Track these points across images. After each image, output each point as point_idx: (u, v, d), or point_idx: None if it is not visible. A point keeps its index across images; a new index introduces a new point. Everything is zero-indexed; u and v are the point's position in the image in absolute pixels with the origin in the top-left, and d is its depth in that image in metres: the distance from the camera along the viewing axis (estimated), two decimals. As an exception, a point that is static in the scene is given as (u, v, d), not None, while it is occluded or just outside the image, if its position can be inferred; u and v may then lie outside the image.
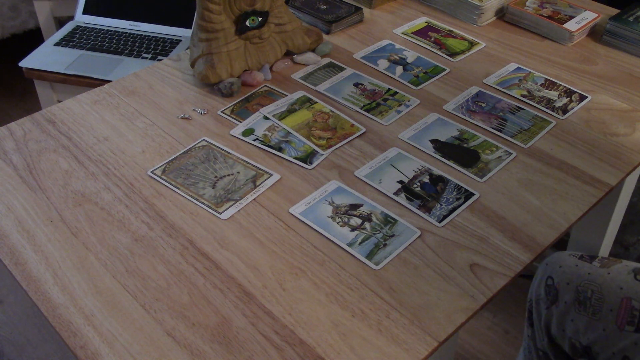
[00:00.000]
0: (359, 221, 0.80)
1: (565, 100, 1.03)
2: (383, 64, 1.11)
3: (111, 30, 1.77)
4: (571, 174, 0.89)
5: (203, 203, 0.83)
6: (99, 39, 1.73)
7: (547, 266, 1.00)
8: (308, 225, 0.80)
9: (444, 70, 1.10)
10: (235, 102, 1.01)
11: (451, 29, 1.22)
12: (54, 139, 0.93)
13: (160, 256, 0.76)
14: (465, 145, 0.93)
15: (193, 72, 1.06)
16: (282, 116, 0.98)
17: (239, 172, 0.88)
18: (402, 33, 1.20)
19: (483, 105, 1.01)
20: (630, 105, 1.02)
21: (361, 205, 0.83)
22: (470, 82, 1.07)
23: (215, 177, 0.87)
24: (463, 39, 1.19)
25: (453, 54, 1.14)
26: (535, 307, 1.07)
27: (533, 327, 1.10)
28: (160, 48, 1.70)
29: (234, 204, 0.83)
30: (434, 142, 0.94)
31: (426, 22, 1.24)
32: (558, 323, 1.01)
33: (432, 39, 1.19)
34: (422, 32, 1.21)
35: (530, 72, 1.10)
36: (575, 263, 1.00)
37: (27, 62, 1.66)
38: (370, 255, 0.76)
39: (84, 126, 0.96)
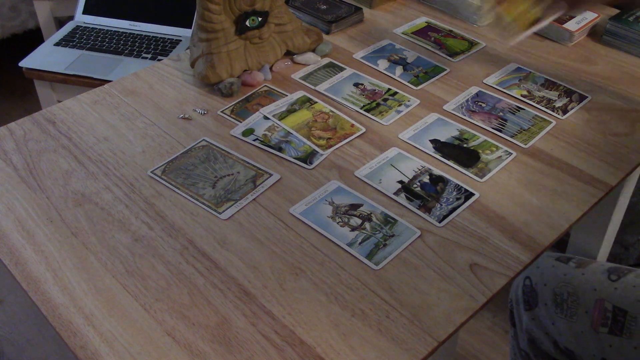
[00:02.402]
0: (359, 221, 0.80)
1: (565, 100, 1.03)
2: (383, 64, 1.11)
3: (111, 30, 1.77)
4: (571, 174, 0.89)
5: (203, 203, 0.83)
6: (99, 39, 1.73)
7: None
8: (308, 225, 0.80)
9: (444, 70, 1.10)
10: (235, 102, 1.01)
11: (451, 29, 1.22)
12: (54, 139, 0.93)
13: (160, 256, 0.76)
14: (465, 145, 0.93)
15: (193, 72, 1.06)
16: (282, 116, 0.98)
17: (239, 172, 0.88)
18: (402, 33, 1.20)
19: (483, 105, 1.01)
20: (630, 105, 1.02)
21: (361, 205, 0.83)
22: (470, 82, 1.07)
23: (215, 177, 0.87)
24: (463, 39, 1.19)
25: (453, 54, 1.14)
26: (516, 307, 1.07)
27: (515, 327, 1.10)
28: (160, 48, 1.70)
29: (234, 204, 0.83)
30: (434, 142, 0.94)
31: (426, 22, 1.24)
32: (540, 325, 1.00)
33: (432, 39, 1.19)
34: (422, 32, 1.21)
35: (530, 72, 1.10)
36: (552, 264, 1.00)
37: (27, 62, 1.66)
38: (370, 255, 0.76)
39: (84, 126, 0.96)
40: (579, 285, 0.96)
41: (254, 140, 0.93)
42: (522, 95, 1.04)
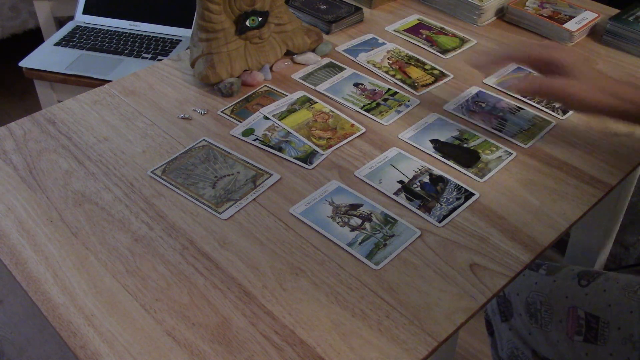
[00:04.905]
0: (359, 221, 0.80)
1: (565, 100, 1.03)
2: (363, 57, 1.11)
3: (111, 30, 1.77)
4: (571, 174, 0.89)
5: (203, 203, 0.83)
6: (99, 39, 1.73)
7: None
8: (308, 225, 0.80)
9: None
10: (235, 102, 1.01)
11: (443, 26, 1.22)
12: (54, 139, 0.93)
13: (160, 256, 0.76)
14: (465, 145, 0.93)
15: (193, 72, 1.06)
16: (282, 116, 0.98)
17: (239, 172, 0.88)
18: (394, 30, 1.21)
19: (483, 105, 1.01)
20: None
21: (361, 205, 0.83)
22: (470, 82, 1.07)
23: (215, 177, 0.87)
24: (455, 36, 1.19)
25: (444, 51, 1.14)
26: (493, 317, 1.06)
27: (493, 337, 1.09)
28: (160, 48, 1.70)
29: (234, 204, 0.83)
30: (434, 142, 0.94)
31: (418, 20, 1.24)
32: (518, 336, 1.00)
33: (424, 36, 1.19)
34: (414, 29, 1.21)
35: (530, 72, 1.09)
36: (522, 273, 0.99)
37: (27, 62, 1.66)
38: (370, 255, 0.76)
39: (84, 126, 0.96)
40: (551, 293, 0.95)
41: (254, 140, 0.93)
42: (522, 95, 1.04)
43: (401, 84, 1.06)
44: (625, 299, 0.90)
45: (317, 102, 1.01)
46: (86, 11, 1.82)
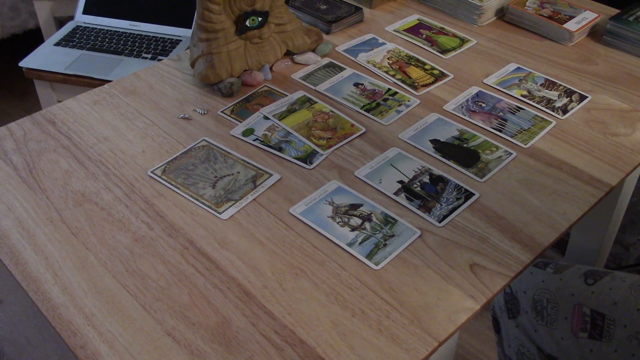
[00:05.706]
0: (359, 221, 0.80)
1: (565, 100, 1.03)
2: (363, 57, 1.11)
3: (111, 30, 1.77)
4: (571, 174, 0.89)
5: (203, 203, 0.83)
6: (99, 39, 1.73)
7: None
8: (308, 225, 0.80)
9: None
10: (235, 102, 1.01)
11: (443, 26, 1.22)
12: (54, 139, 0.93)
13: (160, 256, 0.76)
14: (465, 145, 0.93)
15: (193, 72, 1.06)
16: (282, 116, 0.98)
17: (239, 172, 0.88)
18: (394, 30, 1.21)
19: (483, 105, 1.01)
20: (630, 105, 1.02)
21: (361, 205, 0.83)
22: (470, 82, 1.07)
23: (215, 177, 0.87)
24: (455, 36, 1.19)
25: (444, 51, 1.14)
26: (500, 315, 1.07)
27: (500, 334, 1.09)
28: (160, 48, 1.70)
29: (234, 204, 0.83)
30: (434, 142, 0.94)
31: (418, 20, 1.24)
32: (524, 333, 1.00)
33: (424, 36, 1.19)
34: (414, 30, 1.21)
35: (530, 72, 1.10)
36: (530, 271, 1.00)
37: (27, 62, 1.66)
38: (370, 255, 0.76)
39: (84, 126, 0.96)
40: (557, 291, 0.96)
41: (254, 140, 0.93)
42: (522, 95, 1.04)
43: (401, 84, 1.06)
44: (632, 297, 0.91)
45: (317, 102, 1.01)
46: (86, 11, 1.82)
